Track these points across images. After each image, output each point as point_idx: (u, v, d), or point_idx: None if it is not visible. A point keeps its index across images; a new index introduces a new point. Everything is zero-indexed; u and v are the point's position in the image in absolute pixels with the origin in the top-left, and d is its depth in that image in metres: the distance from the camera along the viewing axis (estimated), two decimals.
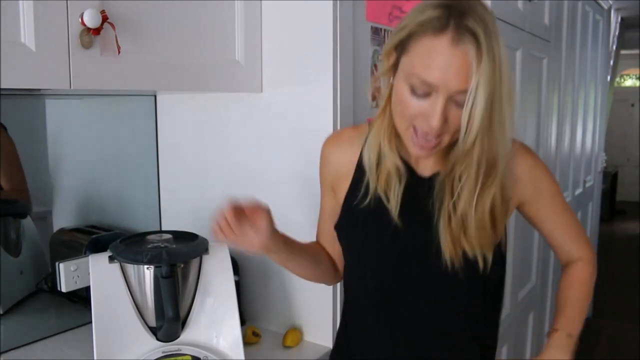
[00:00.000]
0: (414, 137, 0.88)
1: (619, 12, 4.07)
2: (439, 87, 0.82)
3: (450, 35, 0.80)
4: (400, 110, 0.88)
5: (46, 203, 1.47)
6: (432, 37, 0.81)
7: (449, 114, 0.84)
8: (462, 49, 0.80)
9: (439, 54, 0.81)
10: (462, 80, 0.81)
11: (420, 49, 0.83)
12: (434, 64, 0.81)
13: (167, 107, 1.53)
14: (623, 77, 8.04)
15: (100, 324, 1.03)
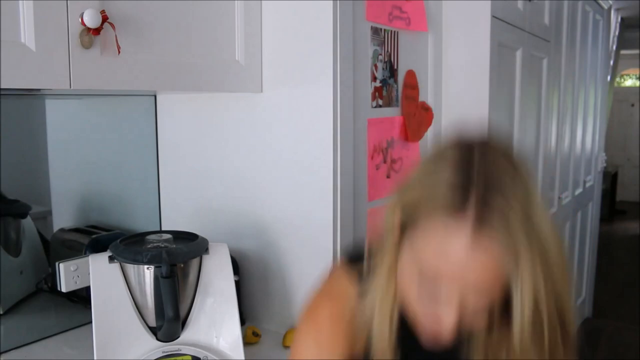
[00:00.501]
0: (424, 322, 0.73)
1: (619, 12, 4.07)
2: (454, 286, 0.66)
3: (468, 218, 0.63)
4: (407, 296, 0.73)
5: (46, 203, 1.48)
6: (447, 219, 0.65)
7: (466, 319, 0.69)
8: (481, 243, 0.63)
9: (456, 240, 0.64)
10: (478, 285, 0.66)
11: (434, 228, 0.66)
12: (451, 254, 0.65)
13: (167, 107, 1.53)
14: (623, 77, 8.04)
15: (100, 324, 1.03)
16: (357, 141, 1.31)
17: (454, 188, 0.64)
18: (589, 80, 3.23)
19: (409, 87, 1.51)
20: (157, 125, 1.55)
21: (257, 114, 1.35)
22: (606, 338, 3.55)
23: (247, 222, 1.38)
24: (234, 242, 1.33)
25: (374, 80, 1.37)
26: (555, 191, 2.68)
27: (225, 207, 1.43)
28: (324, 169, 1.25)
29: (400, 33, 1.46)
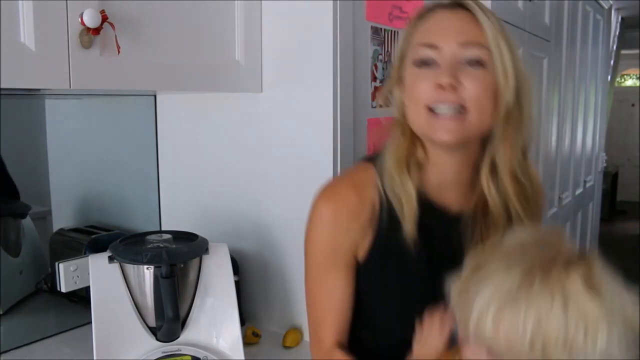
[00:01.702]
0: (436, 121, 0.81)
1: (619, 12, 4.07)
2: (440, 42, 0.81)
3: (441, 8, 0.83)
4: (411, 94, 0.83)
5: (46, 203, 1.48)
6: (431, 13, 0.84)
7: (464, 76, 0.79)
8: (458, 12, 0.82)
9: (439, 20, 0.82)
10: (464, 32, 0.80)
11: (418, 27, 0.84)
12: (435, 27, 0.82)
13: (167, 107, 1.53)
14: (623, 77, 8.03)
15: (100, 324, 1.03)
16: (357, 141, 1.31)
17: (437, 4, 0.82)
18: (589, 80, 3.23)
19: None
20: (157, 125, 1.55)
21: (257, 114, 1.35)
22: None
23: (247, 222, 1.38)
24: (234, 242, 1.32)
25: (374, 80, 1.37)
26: (556, 191, 2.68)
27: (225, 207, 1.43)
28: (323, 169, 1.24)
29: (401, 33, 1.46)
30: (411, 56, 0.84)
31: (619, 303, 0.67)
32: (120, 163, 1.57)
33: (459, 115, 0.80)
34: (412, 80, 0.83)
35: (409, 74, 0.84)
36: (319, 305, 0.92)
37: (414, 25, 0.85)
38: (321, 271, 0.89)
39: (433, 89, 0.80)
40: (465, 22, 0.81)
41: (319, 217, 0.88)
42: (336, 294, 0.89)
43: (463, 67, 0.80)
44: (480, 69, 0.80)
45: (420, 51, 0.82)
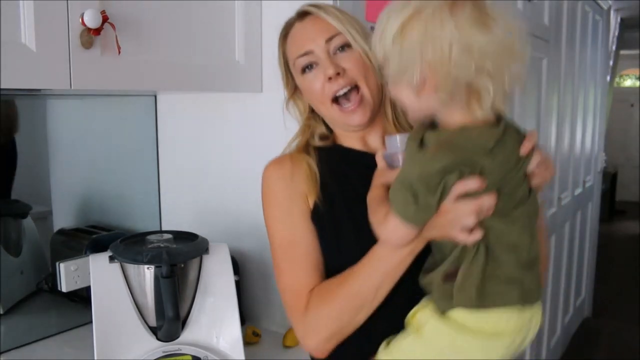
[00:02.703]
0: (341, 110, 0.97)
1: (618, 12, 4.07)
2: (310, 48, 0.96)
3: (296, 20, 1.00)
4: (314, 97, 0.99)
5: (46, 203, 1.48)
6: (292, 30, 1.00)
7: (341, 61, 0.96)
8: (308, 19, 0.98)
9: (297, 32, 0.99)
10: (321, 31, 0.96)
11: (289, 44, 1.01)
12: (298, 39, 0.98)
13: (167, 107, 1.54)
14: (623, 77, 8.04)
15: (101, 324, 1.04)
16: None
17: (287, 22, 1.01)
18: (589, 81, 3.23)
19: None
20: (157, 125, 1.55)
21: (257, 114, 1.35)
22: (606, 338, 3.56)
23: (247, 222, 1.38)
24: (234, 242, 1.33)
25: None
26: (555, 191, 2.68)
27: (225, 207, 1.44)
28: None
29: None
30: (295, 69, 1.00)
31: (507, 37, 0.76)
32: (120, 163, 1.57)
33: (357, 96, 0.95)
34: (308, 86, 0.99)
35: (301, 83, 1.00)
36: (289, 266, 0.97)
37: (283, 45, 1.02)
38: (284, 225, 0.99)
39: (327, 84, 0.95)
40: (317, 23, 0.97)
41: (266, 179, 1.03)
42: (303, 245, 0.97)
43: (337, 56, 0.96)
44: (348, 50, 0.96)
45: (299, 62, 0.98)
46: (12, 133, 1.36)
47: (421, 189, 0.78)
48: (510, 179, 0.81)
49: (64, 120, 1.49)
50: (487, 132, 0.79)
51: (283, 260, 0.98)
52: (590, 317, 3.83)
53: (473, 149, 0.78)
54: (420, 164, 0.79)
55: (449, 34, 0.73)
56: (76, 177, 1.52)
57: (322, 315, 0.91)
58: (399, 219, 0.81)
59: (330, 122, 1.04)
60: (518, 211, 0.83)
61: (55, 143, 1.47)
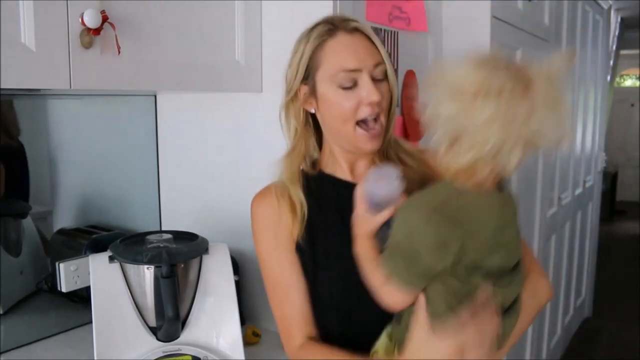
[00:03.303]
0: (362, 133, 0.95)
1: (618, 12, 4.07)
2: (361, 67, 0.93)
3: (342, 31, 0.95)
4: (341, 114, 0.95)
5: (46, 203, 1.47)
6: (334, 38, 0.95)
7: (379, 90, 0.95)
8: (357, 36, 0.95)
9: (346, 45, 0.95)
10: (372, 55, 0.95)
11: (330, 51, 0.95)
12: (348, 53, 0.94)
13: (167, 107, 1.53)
14: (623, 77, 8.03)
15: (100, 324, 1.03)
16: None
17: (326, 28, 0.96)
18: (589, 80, 3.23)
19: (409, 87, 1.51)
20: (157, 125, 1.55)
21: (257, 114, 1.35)
22: (606, 338, 3.55)
23: (247, 222, 1.38)
24: (234, 242, 1.32)
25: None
26: (555, 191, 2.68)
27: (225, 207, 1.43)
28: None
29: (400, 33, 1.46)
30: (332, 81, 0.95)
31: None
32: (120, 163, 1.57)
33: (376, 126, 0.95)
34: (338, 101, 0.95)
35: (330, 95, 0.95)
36: (280, 298, 1.01)
37: (319, 47, 0.96)
38: (271, 260, 1.01)
39: (364, 107, 0.94)
40: (367, 44, 0.96)
41: (254, 214, 1.03)
42: (289, 281, 0.99)
43: (377, 84, 0.95)
44: (385, 82, 0.96)
45: (343, 76, 0.94)
46: (15, 135, 1.36)
47: (420, 254, 0.80)
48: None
49: (63, 120, 1.49)
50: (485, 199, 0.82)
51: (273, 295, 1.02)
52: (591, 317, 3.82)
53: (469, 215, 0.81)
54: (417, 228, 0.81)
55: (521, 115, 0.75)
56: (76, 177, 1.52)
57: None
58: (398, 285, 0.83)
59: (338, 140, 1.00)
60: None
61: (55, 143, 1.47)
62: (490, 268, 0.83)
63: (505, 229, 0.85)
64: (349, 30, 0.95)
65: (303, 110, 1.00)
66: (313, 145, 1.04)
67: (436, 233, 0.79)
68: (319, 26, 0.97)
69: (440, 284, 0.82)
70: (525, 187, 2.17)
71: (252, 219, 1.03)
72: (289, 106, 1.01)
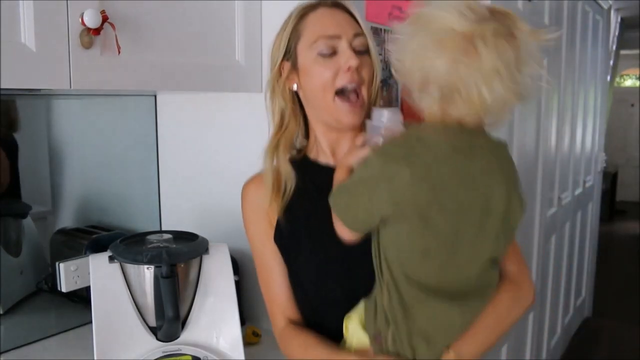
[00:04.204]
0: (341, 104, 0.95)
1: (618, 12, 4.07)
2: (340, 34, 0.95)
3: (323, 5, 0.97)
4: (320, 82, 0.96)
5: (46, 203, 1.48)
6: (315, 11, 0.97)
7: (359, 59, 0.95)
8: (338, 10, 0.97)
9: (326, 15, 0.97)
10: (352, 26, 0.96)
11: (311, 22, 0.96)
12: (328, 22, 0.96)
13: (167, 107, 1.53)
14: (623, 77, 8.03)
15: (100, 324, 1.03)
16: None
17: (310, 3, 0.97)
18: (589, 80, 3.23)
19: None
20: (157, 125, 1.55)
21: (257, 114, 1.35)
22: (606, 338, 3.55)
23: None
24: (234, 242, 1.32)
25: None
26: (555, 191, 2.68)
27: (225, 207, 1.43)
28: None
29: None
30: (312, 49, 0.96)
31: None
32: (120, 163, 1.57)
33: (356, 100, 0.96)
34: (318, 70, 0.95)
35: (310, 65, 0.96)
36: (265, 281, 1.07)
37: (297, 22, 0.98)
38: (256, 246, 1.06)
39: (342, 73, 0.94)
40: (348, 17, 0.97)
41: (242, 199, 1.07)
42: (271, 266, 1.05)
43: (358, 55, 0.95)
44: (367, 56, 0.97)
45: (322, 43, 0.95)
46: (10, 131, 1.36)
47: (359, 192, 0.80)
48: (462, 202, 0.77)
49: (64, 120, 1.49)
50: (446, 132, 0.78)
51: (260, 278, 1.08)
52: (591, 317, 3.82)
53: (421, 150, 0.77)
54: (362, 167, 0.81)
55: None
56: (76, 177, 1.52)
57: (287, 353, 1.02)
58: (340, 221, 0.85)
59: (319, 113, 1.00)
60: (464, 248, 0.80)
61: (55, 143, 1.47)
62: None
63: (491, 186, 0.79)
64: (329, 5, 0.98)
65: (289, 89, 1.01)
66: (301, 129, 1.05)
67: (382, 166, 0.78)
68: (303, 4, 0.99)
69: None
70: (525, 187, 2.17)
71: (241, 204, 1.07)
72: (274, 85, 1.02)
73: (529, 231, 2.29)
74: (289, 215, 1.01)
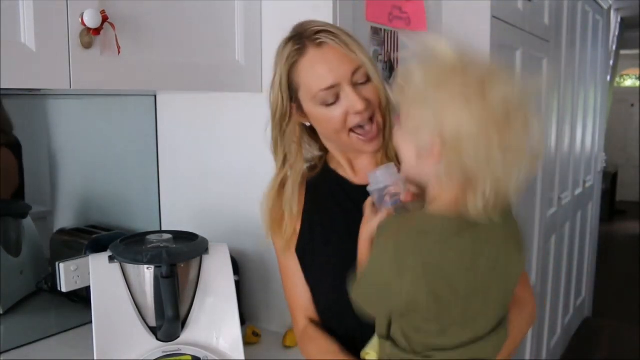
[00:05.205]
0: (358, 138, 0.96)
1: (618, 12, 4.07)
2: (338, 81, 0.93)
3: (310, 46, 0.94)
4: (332, 127, 0.96)
5: (46, 203, 1.47)
6: (304, 56, 0.94)
7: (364, 95, 0.94)
8: (327, 48, 0.93)
9: (318, 61, 0.94)
10: (347, 63, 0.93)
11: (304, 73, 0.95)
12: (321, 70, 0.93)
13: (167, 107, 1.53)
14: (623, 77, 8.03)
15: (100, 324, 1.03)
16: None
17: (295, 48, 0.95)
18: (589, 81, 3.23)
19: None
20: (157, 125, 1.55)
21: (257, 114, 1.35)
22: (606, 338, 3.55)
23: (247, 222, 1.38)
24: (234, 242, 1.32)
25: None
26: (555, 191, 2.68)
27: (225, 207, 1.43)
28: None
29: (400, 33, 1.46)
30: (315, 101, 0.95)
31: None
32: (120, 163, 1.57)
33: (372, 125, 0.96)
34: (328, 117, 0.96)
35: (318, 113, 0.97)
36: (287, 285, 1.09)
37: (292, 69, 0.96)
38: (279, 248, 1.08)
39: (352, 116, 0.94)
40: (339, 54, 0.94)
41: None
42: (292, 271, 1.06)
43: (360, 88, 0.95)
44: (369, 83, 0.96)
45: (323, 95, 0.94)
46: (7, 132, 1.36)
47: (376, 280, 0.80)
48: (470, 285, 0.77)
49: (63, 120, 1.49)
50: (452, 221, 0.76)
51: (284, 283, 1.10)
52: (591, 317, 3.82)
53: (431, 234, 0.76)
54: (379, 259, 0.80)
55: (475, 113, 0.73)
56: (76, 177, 1.52)
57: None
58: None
59: (337, 146, 1.04)
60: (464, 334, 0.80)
61: (55, 143, 1.47)
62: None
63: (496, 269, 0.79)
64: (317, 45, 0.94)
65: (299, 124, 1.02)
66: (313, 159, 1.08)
67: (393, 258, 0.76)
68: (289, 44, 0.96)
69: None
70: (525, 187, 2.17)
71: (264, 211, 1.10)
72: (282, 131, 1.02)
73: (529, 231, 2.29)
74: (309, 226, 1.04)
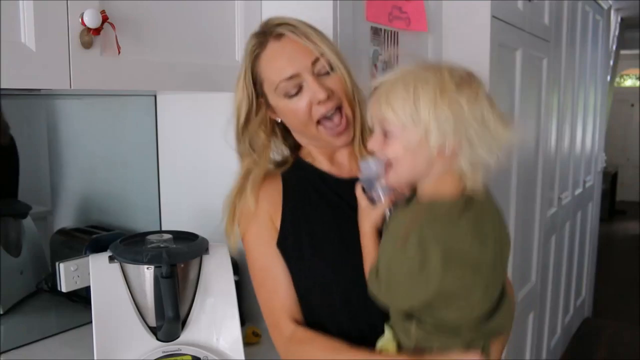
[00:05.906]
0: (326, 131, 0.96)
1: (618, 12, 4.07)
2: (298, 71, 0.93)
3: (271, 40, 0.96)
4: (298, 119, 0.96)
5: (46, 203, 1.48)
6: (265, 49, 0.96)
7: (327, 84, 0.94)
8: (286, 40, 0.95)
9: (277, 54, 0.95)
10: (307, 54, 0.94)
11: (265, 65, 0.96)
12: (281, 62, 0.94)
13: (167, 107, 1.53)
14: (623, 77, 8.03)
15: (100, 324, 1.03)
16: None
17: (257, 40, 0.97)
18: (589, 80, 3.23)
19: None
20: (157, 125, 1.55)
21: None
22: (606, 338, 3.56)
23: None
24: None
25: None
26: (555, 191, 2.68)
27: None
28: None
29: (400, 33, 1.46)
30: (277, 92, 0.96)
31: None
32: (120, 163, 1.57)
33: (341, 117, 0.96)
34: (292, 108, 0.96)
35: (283, 105, 0.97)
36: (268, 289, 1.02)
37: (253, 64, 0.98)
38: (256, 250, 1.02)
39: (316, 106, 0.94)
40: (299, 45, 0.94)
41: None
42: (273, 271, 1.01)
43: (323, 79, 0.94)
44: (332, 73, 0.95)
45: (284, 86, 0.94)
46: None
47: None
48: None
49: (63, 120, 1.49)
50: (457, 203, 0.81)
51: (261, 288, 1.04)
52: (591, 317, 3.83)
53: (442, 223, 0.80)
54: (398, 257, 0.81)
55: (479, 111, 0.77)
56: (76, 177, 1.52)
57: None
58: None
59: (311, 141, 1.03)
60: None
61: (55, 143, 1.47)
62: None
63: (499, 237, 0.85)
64: (276, 37, 0.96)
65: (270, 120, 1.02)
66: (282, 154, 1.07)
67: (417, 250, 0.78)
68: (252, 39, 0.99)
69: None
70: (525, 187, 2.17)
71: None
72: (246, 128, 1.03)
73: (529, 231, 2.29)
74: (291, 220, 1.01)
